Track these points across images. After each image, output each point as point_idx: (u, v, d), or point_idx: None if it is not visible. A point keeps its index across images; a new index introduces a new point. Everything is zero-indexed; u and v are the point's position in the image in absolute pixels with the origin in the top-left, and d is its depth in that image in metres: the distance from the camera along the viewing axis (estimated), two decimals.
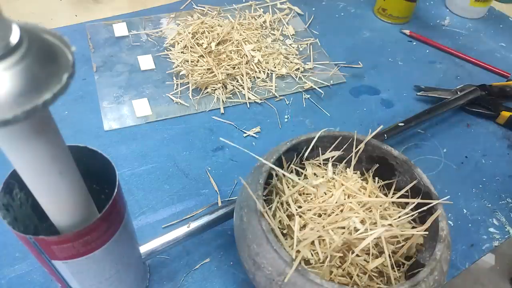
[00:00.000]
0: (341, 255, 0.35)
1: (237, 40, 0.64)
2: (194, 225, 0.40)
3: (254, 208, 0.33)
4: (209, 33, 0.64)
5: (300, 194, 0.39)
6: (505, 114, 0.59)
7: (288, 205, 0.38)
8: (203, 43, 0.63)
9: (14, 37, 0.17)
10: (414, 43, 0.73)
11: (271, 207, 0.39)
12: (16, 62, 0.16)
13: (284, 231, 0.37)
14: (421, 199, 0.37)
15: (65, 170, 0.23)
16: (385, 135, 0.51)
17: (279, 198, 0.39)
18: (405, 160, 0.38)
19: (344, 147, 0.41)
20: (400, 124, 0.52)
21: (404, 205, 0.40)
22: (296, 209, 0.38)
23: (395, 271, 0.36)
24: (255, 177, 0.36)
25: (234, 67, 0.61)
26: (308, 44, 0.69)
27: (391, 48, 0.71)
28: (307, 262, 0.35)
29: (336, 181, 0.40)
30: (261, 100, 0.60)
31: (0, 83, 0.16)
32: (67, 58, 0.18)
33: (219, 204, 0.48)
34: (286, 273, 0.30)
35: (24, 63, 0.17)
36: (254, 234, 0.32)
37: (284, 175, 0.40)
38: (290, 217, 0.39)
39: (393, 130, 0.52)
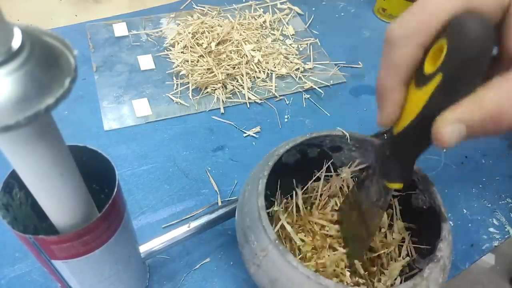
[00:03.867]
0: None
1: (237, 40, 0.64)
2: (194, 224, 0.40)
3: (256, 186, 0.34)
4: (209, 33, 0.64)
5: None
6: None
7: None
8: (203, 43, 0.63)
9: (16, 42, 0.16)
10: None
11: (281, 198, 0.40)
12: (18, 67, 0.16)
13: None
14: (431, 218, 0.36)
15: (66, 172, 0.23)
16: (385, 135, 0.51)
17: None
18: (424, 176, 0.37)
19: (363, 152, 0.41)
20: None
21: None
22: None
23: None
24: (266, 160, 0.37)
25: (234, 67, 0.61)
26: (308, 44, 0.69)
27: None
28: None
29: None
30: (261, 100, 0.60)
31: (1, 88, 0.16)
32: (69, 61, 0.18)
33: (219, 204, 0.48)
34: (268, 250, 0.31)
35: (26, 68, 0.16)
36: (249, 209, 0.34)
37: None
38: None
39: None
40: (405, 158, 0.29)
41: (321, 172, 0.42)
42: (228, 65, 0.61)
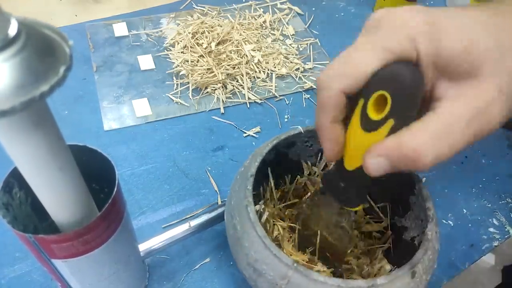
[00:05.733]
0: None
1: (237, 40, 0.64)
2: (194, 223, 0.40)
3: (247, 216, 0.32)
4: (209, 33, 0.64)
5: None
6: None
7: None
8: (203, 43, 0.63)
9: (12, 30, 0.17)
10: None
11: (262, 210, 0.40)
12: (14, 54, 0.17)
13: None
14: (401, 180, 0.38)
15: (65, 166, 0.23)
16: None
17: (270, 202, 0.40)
18: None
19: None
20: None
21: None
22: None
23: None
24: (242, 183, 0.35)
25: (234, 67, 0.61)
26: (308, 44, 0.69)
27: None
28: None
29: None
30: (261, 100, 0.60)
31: None
32: (64, 51, 0.18)
33: (219, 204, 0.48)
34: (289, 276, 0.29)
35: (22, 55, 0.17)
36: (250, 242, 0.32)
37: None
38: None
39: None
40: (361, 188, 0.31)
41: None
42: (228, 65, 0.61)
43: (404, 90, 0.23)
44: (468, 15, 0.24)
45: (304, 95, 0.61)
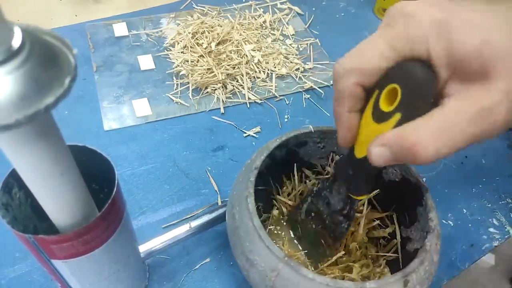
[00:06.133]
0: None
1: (237, 40, 0.64)
2: (194, 223, 0.40)
3: (246, 206, 0.33)
4: (209, 33, 0.64)
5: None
6: None
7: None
8: (203, 43, 0.63)
9: (16, 41, 0.16)
10: None
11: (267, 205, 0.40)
12: (18, 66, 0.16)
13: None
14: (410, 190, 0.38)
15: (66, 171, 0.23)
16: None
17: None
18: None
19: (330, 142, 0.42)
20: None
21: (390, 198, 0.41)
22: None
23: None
24: (246, 175, 0.36)
25: (234, 67, 0.61)
26: (308, 44, 0.69)
27: None
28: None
29: None
30: (261, 100, 0.60)
31: (1, 87, 0.16)
32: (69, 61, 0.18)
33: (219, 204, 0.48)
34: (279, 268, 0.30)
35: (26, 67, 0.16)
36: (246, 232, 0.32)
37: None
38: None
39: None
40: (368, 176, 0.32)
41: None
42: (228, 65, 0.61)
43: (413, 86, 0.24)
44: (482, 10, 0.23)
45: (304, 95, 0.61)
